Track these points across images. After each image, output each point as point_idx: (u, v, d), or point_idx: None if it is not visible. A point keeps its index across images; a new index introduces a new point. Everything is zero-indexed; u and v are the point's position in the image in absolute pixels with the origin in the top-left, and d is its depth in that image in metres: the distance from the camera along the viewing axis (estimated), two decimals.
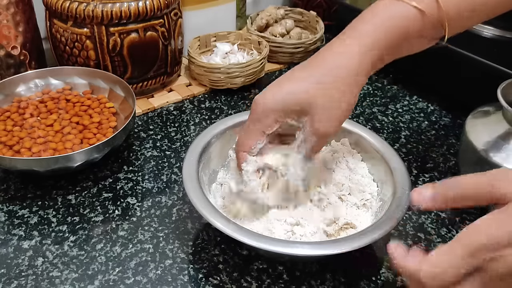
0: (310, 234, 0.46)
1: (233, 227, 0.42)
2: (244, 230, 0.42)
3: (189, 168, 0.48)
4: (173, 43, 0.71)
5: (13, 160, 0.53)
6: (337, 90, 0.43)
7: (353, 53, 0.43)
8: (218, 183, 0.53)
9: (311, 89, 0.43)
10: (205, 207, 0.44)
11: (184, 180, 0.47)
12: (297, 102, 0.43)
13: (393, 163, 0.50)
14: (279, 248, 0.41)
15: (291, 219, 0.46)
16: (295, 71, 0.46)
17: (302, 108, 0.44)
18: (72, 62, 0.68)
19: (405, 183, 0.47)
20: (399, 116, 0.72)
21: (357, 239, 0.41)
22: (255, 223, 0.47)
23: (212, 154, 0.53)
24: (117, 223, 0.52)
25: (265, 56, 0.77)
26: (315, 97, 0.43)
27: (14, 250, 0.49)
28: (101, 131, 0.60)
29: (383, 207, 0.47)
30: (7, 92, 0.64)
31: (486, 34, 0.71)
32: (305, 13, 0.92)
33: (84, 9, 0.63)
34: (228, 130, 0.54)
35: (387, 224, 0.43)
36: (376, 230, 0.42)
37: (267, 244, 0.41)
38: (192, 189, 0.46)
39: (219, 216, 0.43)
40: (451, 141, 0.67)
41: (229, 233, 0.41)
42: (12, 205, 0.54)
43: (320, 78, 0.43)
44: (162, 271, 0.47)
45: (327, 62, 0.44)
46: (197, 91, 0.76)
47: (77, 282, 0.46)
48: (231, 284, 0.46)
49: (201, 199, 0.45)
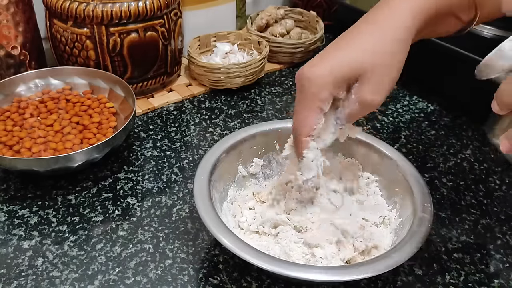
0: (331, 256, 0.44)
1: (250, 251, 0.40)
2: (261, 254, 0.40)
3: (201, 187, 0.46)
4: (173, 43, 0.71)
5: (13, 160, 0.53)
6: (389, 55, 0.40)
7: (404, 14, 0.41)
8: (229, 201, 0.51)
9: (362, 56, 0.40)
10: (221, 231, 0.42)
11: (196, 202, 0.44)
12: (350, 70, 0.40)
13: (411, 177, 0.49)
14: (303, 274, 0.38)
15: (309, 241, 0.44)
16: (339, 40, 0.42)
17: (354, 77, 0.40)
18: (72, 62, 0.68)
19: (425, 198, 0.46)
20: (399, 116, 0.72)
21: (382, 262, 0.39)
22: (271, 245, 0.46)
23: (222, 171, 0.50)
24: (117, 223, 0.52)
25: (265, 56, 0.77)
26: (368, 63, 0.40)
27: (14, 250, 0.49)
28: (101, 131, 0.60)
29: (404, 224, 0.46)
30: (7, 92, 0.64)
31: (486, 34, 0.71)
32: (305, 13, 0.92)
33: (84, 9, 0.63)
34: (237, 144, 0.52)
35: (412, 244, 0.41)
36: (400, 253, 0.40)
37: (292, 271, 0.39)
38: (205, 210, 0.43)
39: (235, 240, 0.41)
40: (451, 141, 0.67)
41: (247, 258, 0.39)
42: (12, 205, 0.54)
43: (371, 43, 0.41)
44: (162, 271, 0.47)
45: (375, 26, 0.41)
46: (197, 91, 0.76)
47: (77, 282, 0.46)
48: (231, 284, 0.46)
49: (216, 221, 0.42)
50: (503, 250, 0.51)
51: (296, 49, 0.83)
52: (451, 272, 0.48)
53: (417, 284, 0.47)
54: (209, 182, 0.47)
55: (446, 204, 0.56)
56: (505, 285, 0.47)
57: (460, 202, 0.57)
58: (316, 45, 0.85)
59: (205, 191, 0.46)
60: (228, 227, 0.42)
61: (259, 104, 0.74)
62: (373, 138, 0.54)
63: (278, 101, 0.75)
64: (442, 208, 0.56)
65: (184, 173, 0.60)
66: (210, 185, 0.47)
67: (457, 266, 0.49)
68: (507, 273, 0.48)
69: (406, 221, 0.46)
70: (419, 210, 0.45)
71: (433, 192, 0.58)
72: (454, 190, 0.58)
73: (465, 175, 0.61)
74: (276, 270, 0.38)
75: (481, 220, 0.54)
